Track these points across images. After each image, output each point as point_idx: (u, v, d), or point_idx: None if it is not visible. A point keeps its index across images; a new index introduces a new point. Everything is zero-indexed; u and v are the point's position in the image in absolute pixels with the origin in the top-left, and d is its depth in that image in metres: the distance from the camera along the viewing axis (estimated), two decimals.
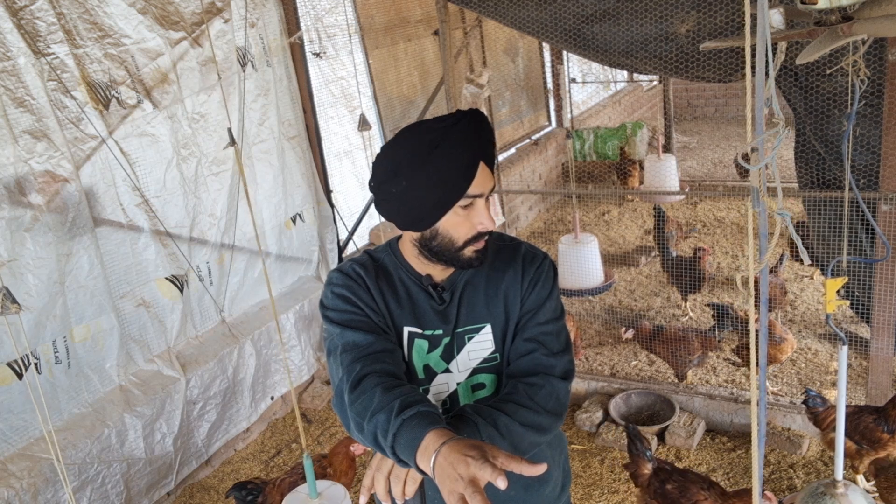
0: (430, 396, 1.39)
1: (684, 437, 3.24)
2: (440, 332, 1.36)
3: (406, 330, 1.36)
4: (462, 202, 1.26)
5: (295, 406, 1.82)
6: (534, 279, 1.37)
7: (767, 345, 3.24)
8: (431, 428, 1.07)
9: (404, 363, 1.36)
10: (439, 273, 1.38)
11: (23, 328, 2.63)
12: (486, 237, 1.31)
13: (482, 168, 1.26)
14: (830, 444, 2.84)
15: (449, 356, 1.37)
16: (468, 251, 1.30)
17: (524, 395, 1.28)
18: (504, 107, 6.29)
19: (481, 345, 1.37)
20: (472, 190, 1.25)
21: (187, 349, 3.42)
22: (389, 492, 1.18)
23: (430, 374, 1.38)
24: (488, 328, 1.36)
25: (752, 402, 0.95)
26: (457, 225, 1.28)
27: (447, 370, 1.38)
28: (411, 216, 1.30)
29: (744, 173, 6.35)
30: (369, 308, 1.34)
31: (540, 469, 1.00)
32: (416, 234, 1.32)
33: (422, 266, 1.37)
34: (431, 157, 1.23)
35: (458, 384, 1.38)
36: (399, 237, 1.40)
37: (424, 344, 1.36)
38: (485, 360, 1.37)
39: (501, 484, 0.95)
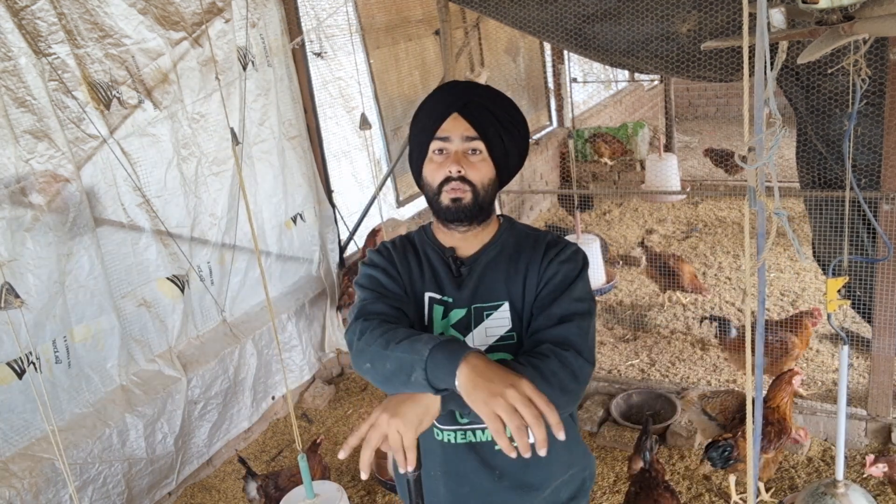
0: None
1: (685, 437, 3.24)
2: (451, 299, 1.40)
3: (427, 296, 1.42)
4: (435, 146, 1.35)
5: (291, 410, 1.82)
6: (555, 259, 1.37)
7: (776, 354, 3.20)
8: (474, 349, 1.16)
9: (423, 328, 1.42)
10: (463, 249, 1.43)
11: (25, 326, 2.63)
12: (464, 185, 1.34)
13: (456, 117, 1.33)
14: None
15: (466, 330, 1.39)
16: (444, 197, 1.36)
17: (545, 368, 1.23)
18: None
19: (499, 322, 1.38)
20: (439, 133, 1.34)
21: (188, 349, 3.43)
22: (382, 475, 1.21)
23: None
24: (506, 306, 1.38)
25: (747, 398, 0.95)
26: (433, 171, 1.37)
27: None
28: (412, 167, 1.43)
29: (727, 169, 6.34)
30: (391, 278, 1.43)
31: (559, 435, 1.07)
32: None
33: (446, 237, 1.44)
34: (417, 113, 1.41)
35: None
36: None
37: (440, 309, 1.41)
38: (502, 339, 1.38)
39: (560, 435, 1.05)
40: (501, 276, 1.39)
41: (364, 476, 1.15)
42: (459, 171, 1.34)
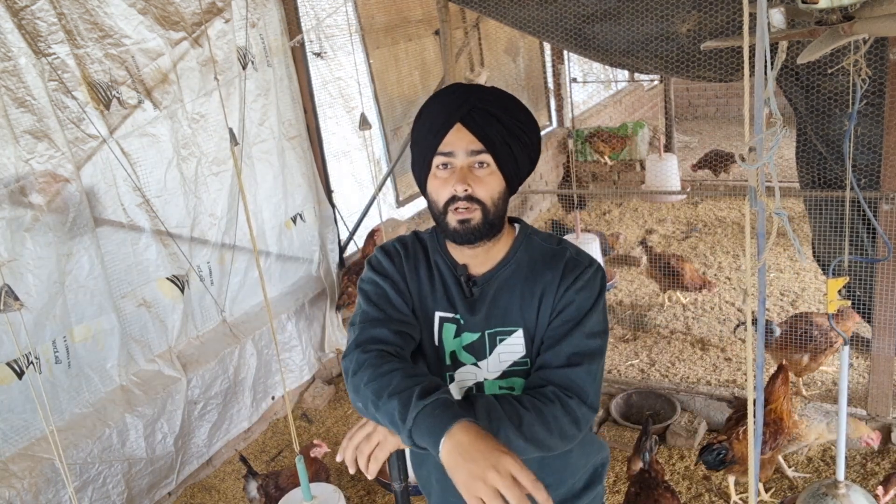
0: (454, 384, 1.39)
1: (685, 437, 3.24)
2: (463, 320, 1.35)
3: (437, 315, 1.37)
4: (438, 161, 1.26)
5: (288, 411, 1.82)
6: (572, 287, 1.31)
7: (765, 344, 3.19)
8: (459, 418, 1.09)
9: (434, 347, 1.38)
10: (476, 266, 1.36)
11: (24, 326, 2.63)
12: (471, 204, 1.26)
13: (459, 128, 1.24)
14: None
15: (480, 355, 1.35)
16: (450, 218, 1.28)
17: (548, 413, 1.23)
18: None
19: (512, 348, 1.34)
20: (442, 147, 1.25)
21: (188, 349, 3.43)
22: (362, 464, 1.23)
23: (457, 363, 1.38)
24: (520, 332, 1.33)
25: (748, 400, 0.95)
26: (438, 187, 1.28)
27: (476, 365, 1.37)
28: (415, 177, 1.35)
29: (706, 170, 6.36)
30: (399, 294, 1.36)
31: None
32: None
33: (456, 252, 1.37)
34: (419, 119, 1.31)
35: (485, 379, 1.38)
36: None
37: (452, 328, 1.36)
38: (515, 364, 1.35)
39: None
40: (516, 301, 1.33)
41: (340, 458, 1.23)
42: (466, 191, 1.25)
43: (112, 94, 2.97)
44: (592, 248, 4.77)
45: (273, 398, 3.84)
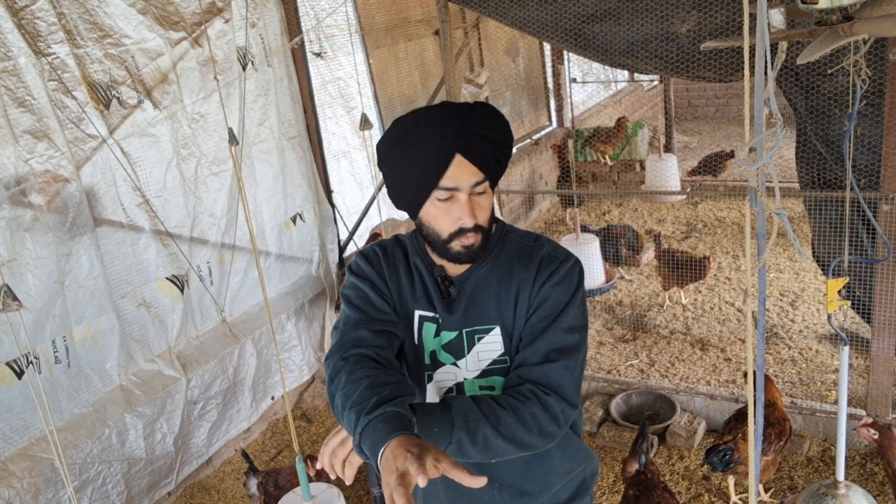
0: (433, 384, 1.39)
1: (685, 438, 3.24)
2: (441, 319, 1.35)
3: (417, 313, 1.37)
4: (438, 194, 1.24)
5: (288, 412, 1.82)
6: (548, 282, 1.30)
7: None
8: (397, 433, 1.06)
9: (414, 346, 1.37)
10: (453, 267, 1.36)
11: (24, 326, 2.63)
12: (476, 233, 1.27)
13: (460, 161, 1.22)
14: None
15: (458, 354, 1.35)
16: (455, 245, 1.28)
17: (526, 411, 1.23)
18: (504, 106, 6.29)
19: (490, 346, 1.34)
20: (445, 182, 1.23)
21: (188, 349, 3.43)
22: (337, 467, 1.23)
23: (436, 363, 1.38)
24: (497, 330, 1.33)
25: (748, 400, 0.95)
26: (437, 217, 1.27)
27: (455, 365, 1.37)
28: (399, 201, 1.33)
29: (700, 173, 6.36)
30: (379, 294, 1.36)
31: (479, 482, 0.98)
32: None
33: (435, 255, 1.37)
34: (407, 146, 1.25)
35: (465, 379, 1.37)
36: None
37: (432, 327, 1.36)
38: (494, 362, 1.35)
39: (422, 482, 0.95)
40: (492, 299, 1.33)
41: (319, 466, 1.25)
42: (475, 222, 1.26)
43: (112, 94, 2.97)
44: (592, 248, 4.77)
45: (272, 398, 3.84)
